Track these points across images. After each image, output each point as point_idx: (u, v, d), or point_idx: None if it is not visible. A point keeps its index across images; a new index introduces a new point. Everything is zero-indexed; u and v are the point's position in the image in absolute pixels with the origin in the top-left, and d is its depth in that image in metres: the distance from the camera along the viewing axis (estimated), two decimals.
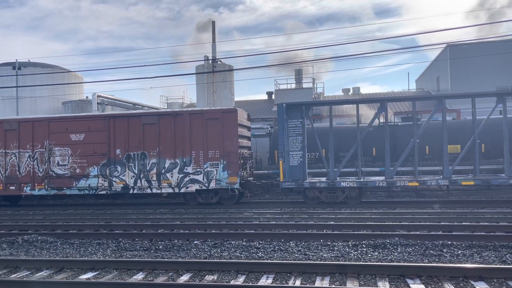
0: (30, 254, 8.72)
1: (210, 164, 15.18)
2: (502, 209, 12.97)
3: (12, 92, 33.66)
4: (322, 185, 14.82)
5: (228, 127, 15.11)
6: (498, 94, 14.63)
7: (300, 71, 35.66)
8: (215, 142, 15.13)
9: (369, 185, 14.70)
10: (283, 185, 15.01)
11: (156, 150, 15.50)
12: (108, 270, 7.26)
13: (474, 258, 7.37)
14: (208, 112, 15.72)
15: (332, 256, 7.74)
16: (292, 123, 15.28)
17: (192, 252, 8.41)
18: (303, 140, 15.16)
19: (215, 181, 15.13)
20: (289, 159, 15.09)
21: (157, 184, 15.52)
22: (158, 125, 15.50)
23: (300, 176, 15.09)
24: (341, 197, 14.82)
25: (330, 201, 14.87)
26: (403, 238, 8.60)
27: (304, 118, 15.26)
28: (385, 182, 14.53)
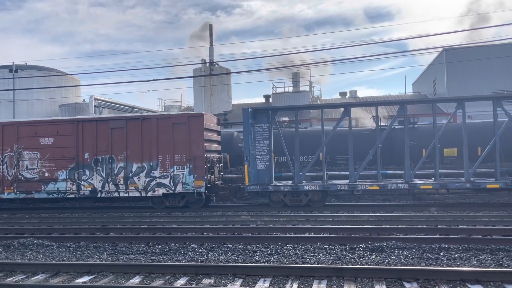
0: (26, 258, 8.67)
1: (176, 168, 15.32)
2: (498, 212, 13.00)
3: (9, 95, 33.58)
4: (286, 189, 15.04)
5: (195, 131, 15.25)
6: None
7: (297, 74, 35.77)
8: (182, 146, 15.26)
9: (331, 188, 14.97)
10: (248, 188, 15.23)
11: (124, 154, 15.61)
12: (105, 273, 7.23)
13: (471, 261, 7.38)
14: (175, 116, 16.04)
15: (329, 260, 7.73)
16: (259, 127, 15.51)
17: (189, 255, 8.39)
18: (269, 144, 15.39)
19: (181, 184, 15.26)
20: (256, 163, 15.33)
21: (124, 188, 15.63)
22: (125, 130, 15.61)
23: (267, 180, 15.32)
24: (304, 200, 15.06)
25: (294, 204, 15.10)
26: (400, 242, 8.60)
27: (270, 122, 15.52)
28: (346, 186, 14.83)
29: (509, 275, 6.29)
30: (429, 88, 35.78)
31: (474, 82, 29.38)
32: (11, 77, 34.44)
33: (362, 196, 17.59)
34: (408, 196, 16.92)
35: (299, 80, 35.78)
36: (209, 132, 16.00)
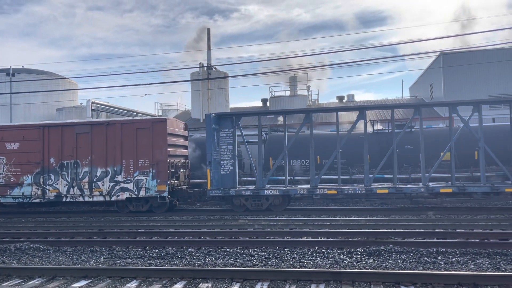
0: (22, 262, 8.62)
1: (140, 172, 15.52)
2: (495, 216, 13.03)
3: (6, 99, 33.49)
4: (247, 193, 15.25)
5: (158, 136, 15.44)
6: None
7: (295, 78, 35.82)
8: (145, 151, 15.48)
9: (291, 193, 15.16)
10: (211, 193, 15.41)
11: (89, 159, 15.84)
12: (102, 278, 7.20)
13: (468, 265, 7.39)
14: (138, 121, 16.34)
15: (327, 264, 7.73)
16: (223, 132, 15.78)
17: (186, 259, 8.36)
18: (233, 149, 15.68)
19: (144, 189, 15.45)
20: (220, 167, 15.58)
21: (89, 192, 15.83)
22: (90, 135, 15.85)
23: (231, 184, 15.55)
24: (265, 205, 15.27)
25: (255, 209, 15.30)
26: (397, 245, 8.60)
27: (234, 128, 15.78)
28: (306, 190, 15.11)
29: (506, 279, 6.30)
30: (426, 92, 35.90)
31: (470, 86, 29.51)
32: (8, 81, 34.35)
33: (359, 200, 17.61)
34: (406, 200, 16.95)
35: (297, 84, 35.83)
36: (173, 137, 16.27)
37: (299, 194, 15.40)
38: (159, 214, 15.46)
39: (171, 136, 15.88)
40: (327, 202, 17.80)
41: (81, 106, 33.21)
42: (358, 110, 15.57)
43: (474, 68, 29.39)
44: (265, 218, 13.83)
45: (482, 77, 29.67)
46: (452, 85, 30.39)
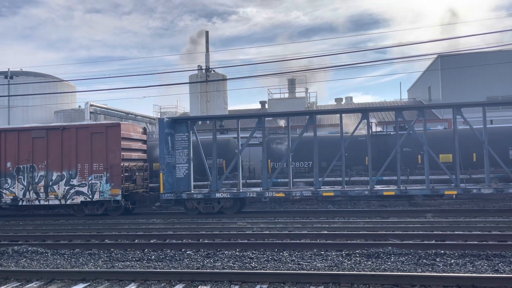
0: (20, 265, 8.59)
1: (94, 176, 15.77)
2: (494, 218, 13.04)
3: (4, 101, 33.45)
4: (199, 196, 15.45)
5: (112, 140, 15.68)
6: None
7: (293, 80, 35.87)
8: (100, 155, 15.71)
9: (241, 195, 15.36)
10: (163, 196, 15.57)
11: (45, 163, 16.02)
12: (100, 281, 7.18)
13: (467, 267, 7.39)
14: (93, 126, 16.50)
15: (325, 266, 7.72)
16: (179, 136, 16.05)
17: (184, 262, 8.35)
18: (188, 153, 15.90)
19: (99, 193, 15.69)
20: (175, 171, 15.87)
21: (44, 196, 16.03)
22: (46, 139, 16.02)
23: (186, 187, 15.81)
24: (217, 208, 15.48)
25: (207, 212, 15.49)
26: (396, 247, 8.60)
27: (189, 132, 16.01)
28: (255, 193, 15.35)
29: (505, 281, 6.30)
30: (424, 94, 35.99)
31: (468, 88, 29.61)
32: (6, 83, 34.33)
33: (358, 202, 17.62)
34: (404, 202, 16.96)
35: (295, 86, 35.88)
36: (128, 142, 16.46)
37: (249, 196, 15.61)
38: (114, 217, 15.72)
39: (125, 141, 16.15)
40: (326, 204, 17.80)
41: (80, 109, 33.17)
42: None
43: (472, 70, 29.50)
44: (264, 220, 13.82)
45: (480, 79, 29.78)
46: (450, 87, 30.48)
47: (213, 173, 15.74)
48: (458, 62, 29.59)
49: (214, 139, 16.10)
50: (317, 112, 17.69)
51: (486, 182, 14.28)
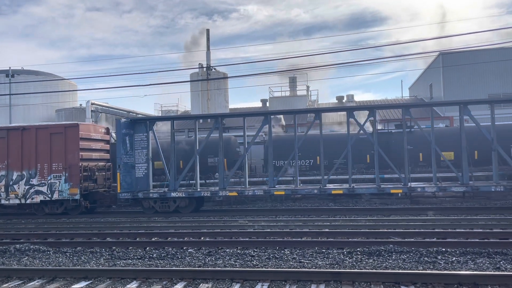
0: (22, 263, 8.62)
1: (53, 176, 16.14)
2: (495, 215, 13.03)
3: (6, 100, 33.47)
4: (155, 196, 15.82)
5: (70, 141, 16.07)
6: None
7: (294, 78, 35.83)
8: (59, 155, 16.07)
9: (195, 195, 15.75)
10: (120, 196, 15.96)
11: (5, 163, 16.36)
12: (102, 279, 7.20)
13: (468, 265, 7.39)
14: (52, 126, 16.79)
15: (327, 264, 7.72)
16: (138, 137, 16.35)
17: (186, 260, 8.36)
18: (147, 153, 16.30)
19: (58, 192, 16.07)
20: (135, 171, 16.27)
21: (5, 195, 16.38)
22: (7, 139, 16.35)
23: (145, 187, 16.23)
24: (172, 207, 15.83)
25: (163, 211, 15.82)
26: (397, 245, 8.60)
27: (148, 132, 16.31)
28: (209, 192, 15.84)
29: (506, 279, 6.30)
30: (426, 92, 35.92)
31: (470, 86, 29.55)
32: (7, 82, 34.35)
33: (359, 200, 17.62)
34: (406, 199, 16.96)
35: (296, 85, 35.83)
36: (88, 142, 16.80)
37: (203, 196, 16.01)
38: (74, 216, 15.98)
39: (85, 141, 16.49)
40: (327, 202, 17.81)
41: (81, 107, 33.19)
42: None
43: (474, 68, 29.43)
44: (265, 218, 13.83)
45: (482, 77, 29.71)
46: (451, 84, 30.42)
47: (171, 173, 16.11)
48: (459, 60, 29.51)
49: (172, 139, 16.52)
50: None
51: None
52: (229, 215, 15.13)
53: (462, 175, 14.49)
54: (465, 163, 14.53)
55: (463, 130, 14.66)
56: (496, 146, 14.30)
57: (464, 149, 14.54)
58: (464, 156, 14.59)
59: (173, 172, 16.05)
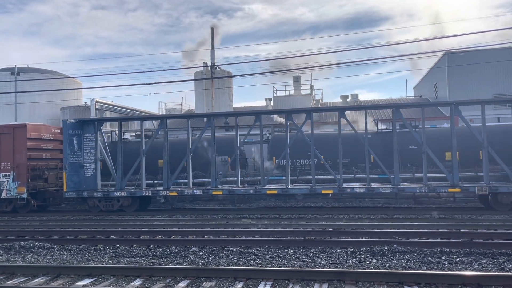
0: (27, 260, 8.67)
1: (2, 175, 16.63)
2: (500, 216, 12.96)
3: (11, 98, 33.64)
4: (99, 195, 16.16)
5: (18, 141, 16.56)
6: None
7: (299, 77, 35.80)
8: (7, 155, 16.57)
9: (137, 194, 16.11)
10: (66, 194, 16.30)
11: None
12: (105, 276, 7.23)
13: (472, 266, 7.36)
14: (1, 127, 17.31)
15: (330, 263, 7.72)
16: (87, 137, 16.77)
17: (189, 258, 8.38)
18: (96, 153, 16.67)
19: (6, 191, 16.55)
20: (83, 170, 16.69)
21: None
22: None
23: (93, 186, 16.58)
24: (116, 206, 16.13)
25: (107, 209, 16.12)
26: (401, 245, 8.58)
27: (97, 133, 16.72)
28: (150, 192, 16.17)
29: (510, 280, 6.27)
30: (431, 91, 35.77)
31: (475, 85, 29.38)
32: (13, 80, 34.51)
33: (363, 200, 17.58)
34: (410, 199, 16.90)
35: (301, 84, 35.80)
36: (37, 142, 17.24)
37: (145, 195, 16.29)
38: (23, 214, 16.31)
39: (34, 141, 16.93)
40: (330, 201, 17.79)
41: (86, 105, 33.32)
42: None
43: (479, 68, 29.26)
44: (268, 217, 13.84)
45: (487, 77, 29.54)
46: (456, 84, 30.27)
47: (117, 172, 16.39)
48: (464, 60, 29.36)
49: (119, 141, 16.81)
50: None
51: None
52: (232, 213, 15.15)
53: (394, 177, 14.69)
54: (396, 164, 14.67)
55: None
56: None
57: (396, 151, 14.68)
58: (395, 157, 14.75)
59: (119, 172, 16.46)
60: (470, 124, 15.15)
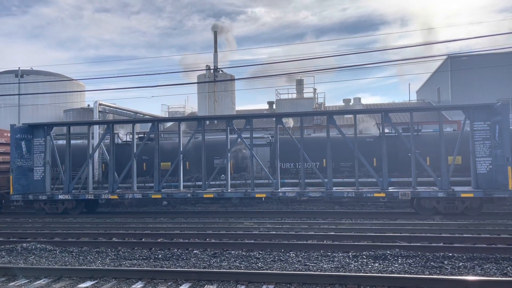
0: (29, 262, 8.67)
1: None
2: (503, 221, 12.91)
3: (15, 100, 33.77)
4: (43, 198, 16.53)
5: None
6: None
7: (301, 81, 35.80)
8: None
9: (81, 197, 16.56)
10: (12, 197, 16.71)
11: None
12: (107, 279, 7.22)
13: (475, 270, 7.32)
14: None
15: (332, 267, 7.69)
16: (37, 141, 17.15)
17: (191, 261, 8.37)
18: (45, 157, 17.06)
19: None
20: (33, 174, 17.13)
21: None
22: None
23: (42, 189, 16.99)
24: (61, 208, 16.57)
25: (52, 212, 16.60)
26: (403, 250, 8.55)
27: (46, 137, 17.15)
28: (92, 195, 16.52)
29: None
30: (434, 95, 35.73)
31: (478, 90, 29.34)
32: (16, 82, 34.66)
33: (365, 204, 17.54)
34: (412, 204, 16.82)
35: (303, 87, 35.79)
36: None
37: (87, 199, 16.70)
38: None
39: None
40: (333, 205, 17.75)
41: (89, 108, 33.38)
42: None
43: (482, 72, 29.22)
44: (271, 221, 13.81)
45: (490, 81, 29.49)
46: (459, 88, 30.23)
47: (66, 176, 16.78)
48: (468, 64, 29.34)
49: (67, 144, 17.18)
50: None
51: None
52: (234, 216, 15.14)
53: (328, 181, 15.01)
54: (329, 169, 15.03)
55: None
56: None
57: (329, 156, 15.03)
58: (328, 162, 15.17)
59: (68, 175, 16.79)
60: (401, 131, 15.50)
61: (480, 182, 14.05)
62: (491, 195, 13.63)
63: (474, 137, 14.19)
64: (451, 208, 14.10)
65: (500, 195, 13.55)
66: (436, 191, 14.12)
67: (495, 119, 13.89)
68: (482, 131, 14.15)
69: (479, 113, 14.22)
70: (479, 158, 14.12)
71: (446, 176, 14.33)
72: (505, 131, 13.56)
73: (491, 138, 14.01)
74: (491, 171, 13.96)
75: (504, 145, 13.52)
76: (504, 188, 13.44)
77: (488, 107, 14.24)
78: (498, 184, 13.70)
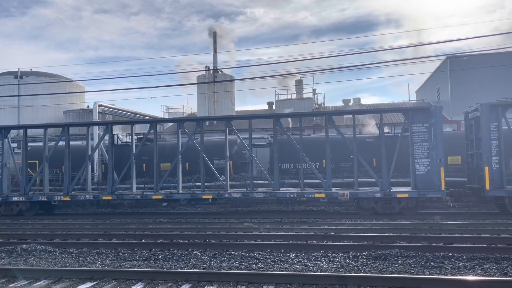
0: (29, 264, 8.67)
1: None
2: (503, 221, 12.92)
3: (14, 101, 33.77)
4: (19, 199, 16.94)
5: None
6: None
7: (301, 81, 35.80)
8: None
9: (34, 199, 16.79)
10: None
11: None
12: (107, 280, 7.22)
13: (475, 271, 7.32)
14: None
15: (332, 267, 7.69)
16: None
17: (191, 262, 8.36)
18: (2, 159, 17.40)
19: None
20: None
21: None
22: None
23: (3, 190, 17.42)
24: (15, 210, 16.96)
25: (7, 214, 16.95)
26: (403, 250, 8.55)
27: (4, 140, 17.40)
28: (45, 197, 16.68)
29: None
30: (433, 95, 35.75)
31: (478, 90, 29.35)
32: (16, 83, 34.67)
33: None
34: None
35: (303, 88, 35.78)
36: None
37: (41, 199, 16.83)
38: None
39: None
40: (333, 206, 17.75)
41: (88, 109, 33.39)
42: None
43: (481, 72, 29.24)
44: (270, 221, 13.81)
45: (490, 81, 29.51)
46: (459, 88, 30.25)
47: (22, 178, 17.12)
48: (467, 64, 29.35)
49: (24, 147, 17.35)
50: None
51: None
52: (234, 217, 15.14)
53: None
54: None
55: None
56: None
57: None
58: (275, 165, 15.48)
59: (24, 177, 17.01)
60: None
61: (418, 182, 14.33)
62: (425, 195, 14.04)
63: (413, 139, 14.51)
64: (388, 208, 14.44)
65: (434, 195, 14.01)
66: (374, 192, 14.50)
67: (431, 122, 14.21)
68: (421, 133, 14.48)
69: (417, 115, 14.58)
70: (417, 160, 14.41)
71: (387, 176, 14.62)
72: (439, 133, 14.04)
73: (428, 140, 14.29)
74: (429, 171, 14.24)
75: (438, 147, 13.91)
76: (437, 189, 13.88)
77: (426, 110, 14.61)
78: (434, 185, 14.08)
